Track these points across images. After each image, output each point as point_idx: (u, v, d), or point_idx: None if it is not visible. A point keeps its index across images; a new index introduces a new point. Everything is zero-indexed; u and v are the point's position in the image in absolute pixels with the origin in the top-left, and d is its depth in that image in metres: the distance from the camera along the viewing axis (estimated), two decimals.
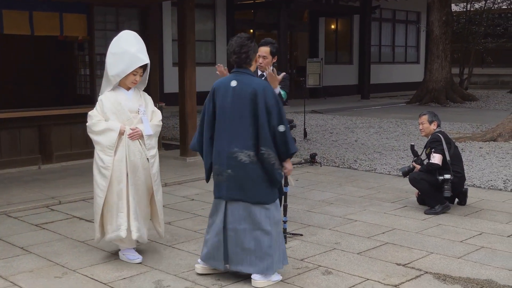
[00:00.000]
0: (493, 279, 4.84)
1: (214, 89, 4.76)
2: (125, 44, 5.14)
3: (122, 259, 5.27)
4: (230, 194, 4.68)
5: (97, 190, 5.12)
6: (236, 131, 4.61)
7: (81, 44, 11.16)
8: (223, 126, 4.68)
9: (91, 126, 5.16)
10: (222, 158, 4.68)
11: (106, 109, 5.15)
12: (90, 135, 5.19)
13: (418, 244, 5.73)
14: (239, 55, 4.69)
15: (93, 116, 5.17)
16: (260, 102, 4.55)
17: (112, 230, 5.13)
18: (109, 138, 5.07)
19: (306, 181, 8.72)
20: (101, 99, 5.20)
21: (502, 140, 12.16)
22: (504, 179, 8.65)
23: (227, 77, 4.77)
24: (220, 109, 4.69)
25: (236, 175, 4.63)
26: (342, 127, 15.27)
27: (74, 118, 9.80)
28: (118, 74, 5.11)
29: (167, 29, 18.52)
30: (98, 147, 5.12)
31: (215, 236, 4.75)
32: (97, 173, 5.12)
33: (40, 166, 9.42)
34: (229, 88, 4.66)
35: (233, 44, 4.70)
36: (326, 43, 24.71)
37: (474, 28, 25.20)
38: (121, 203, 5.09)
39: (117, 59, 5.10)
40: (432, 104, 21.43)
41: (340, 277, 4.88)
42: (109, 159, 5.06)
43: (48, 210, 7.06)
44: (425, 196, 6.92)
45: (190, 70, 10.05)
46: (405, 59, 28.81)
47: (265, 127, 4.55)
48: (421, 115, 7.18)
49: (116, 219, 5.09)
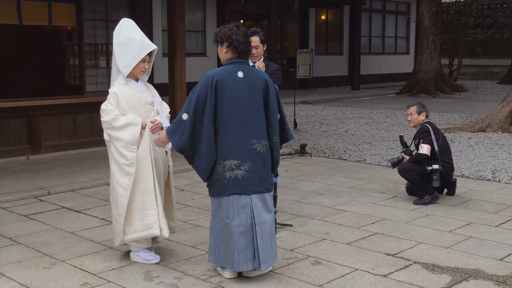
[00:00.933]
0: (481, 268, 4.87)
1: (217, 80, 4.44)
2: (129, 32, 4.92)
3: (136, 260, 5.01)
4: (253, 187, 4.51)
5: (119, 190, 4.83)
6: (252, 122, 4.52)
7: (70, 34, 11.11)
8: (237, 118, 4.48)
9: (111, 122, 4.78)
10: (240, 151, 4.48)
11: (123, 102, 4.84)
12: (109, 131, 4.83)
13: (407, 234, 5.75)
14: (246, 45, 4.59)
15: (109, 111, 4.80)
16: (271, 92, 4.62)
17: (134, 230, 4.86)
18: (132, 133, 4.78)
19: (296, 171, 8.73)
20: (114, 92, 4.86)
21: (491, 130, 12.22)
22: (492, 170, 8.69)
23: (227, 68, 4.56)
24: (230, 100, 4.46)
25: (256, 167, 4.51)
26: (332, 118, 15.29)
27: (63, 109, 9.77)
28: (128, 64, 4.86)
29: (156, 19, 18.43)
30: (120, 144, 4.79)
31: (240, 236, 4.47)
32: (117, 172, 4.83)
33: (29, 157, 9.37)
34: (238, 79, 4.50)
35: (239, 33, 4.56)
36: (316, 33, 24.68)
37: (464, 19, 25.27)
38: (149, 201, 4.84)
39: (125, 48, 4.85)
40: (421, 95, 21.49)
41: (330, 267, 4.90)
42: (133, 156, 4.78)
43: (37, 200, 7.03)
44: (414, 186, 6.94)
45: (180, 61, 10.01)
46: (395, 50, 28.85)
47: (276, 116, 4.65)
48: (409, 106, 7.19)
49: (144, 217, 4.83)
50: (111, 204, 5.02)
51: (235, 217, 4.49)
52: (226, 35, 4.57)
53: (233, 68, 4.55)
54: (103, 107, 4.85)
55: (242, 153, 4.48)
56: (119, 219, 4.89)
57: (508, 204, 6.83)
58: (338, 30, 25.85)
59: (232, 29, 4.58)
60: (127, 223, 4.87)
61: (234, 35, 4.55)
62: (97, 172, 8.28)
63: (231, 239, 4.49)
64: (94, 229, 5.95)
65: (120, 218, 4.87)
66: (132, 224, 4.88)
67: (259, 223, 4.50)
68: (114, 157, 4.84)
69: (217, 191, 4.54)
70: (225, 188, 4.49)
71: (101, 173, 8.22)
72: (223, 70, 4.55)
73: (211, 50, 20.41)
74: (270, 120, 4.61)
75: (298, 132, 12.74)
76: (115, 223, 4.97)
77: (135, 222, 4.87)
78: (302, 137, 12.04)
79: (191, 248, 5.35)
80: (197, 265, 4.91)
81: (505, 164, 9.06)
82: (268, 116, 4.61)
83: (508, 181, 8.02)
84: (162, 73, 11.64)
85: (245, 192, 4.49)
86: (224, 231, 4.54)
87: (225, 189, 4.49)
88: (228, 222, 4.50)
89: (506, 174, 8.39)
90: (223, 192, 4.51)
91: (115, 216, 4.94)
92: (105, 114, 4.82)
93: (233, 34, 4.55)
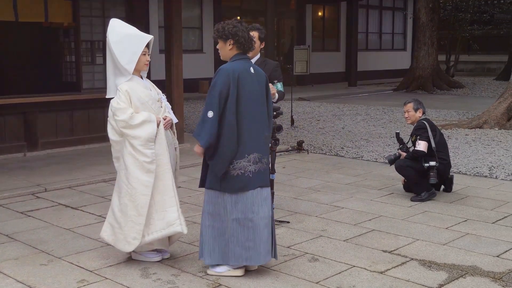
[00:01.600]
0: (478, 265, 4.88)
1: (239, 75, 4.45)
2: (121, 29, 4.87)
3: (138, 258, 4.96)
4: (268, 179, 4.70)
5: (140, 188, 4.71)
6: (264, 116, 4.64)
7: (66, 30, 11.08)
8: (255, 112, 4.55)
9: (128, 120, 4.67)
10: (261, 144, 4.58)
11: (135, 99, 4.75)
12: (126, 130, 4.70)
13: (404, 231, 5.75)
14: (250, 41, 4.64)
15: (124, 109, 4.69)
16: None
17: (154, 230, 4.75)
18: (149, 130, 4.70)
19: (293, 168, 8.73)
20: (125, 89, 4.75)
21: (488, 127, 12.23)
22: (489, 166, 8.70)
23: (242, 63, 4.56)
24: (249, 95, 4.50)
25: (269, 159, 4.74)
26: (329, 115, 15.29)
27: (59, 106, 9.75)
28: (131, 60, 4.78)
29: (153, 15, 18.41)
30: (138, 142, 4.69)
31: (264, 228, 4.52)
32: (137, 170, 4.71)
33: (26, 154, 9.36)
34: (251, 74, 4.58)
35: (244, 30, 4.57)
36: (313, 30, 24.67)
37: (461, 15, 25.27)
38: (168, 198, 4.76)
39: (123, 45, 4.78)
40: (418, 91, 21.50)
41: (327, 264, 4.90)
42: (153, 153, 4.70)
43: (34, 197, 7.02)
44: (411, 183, 6.95)
45: (177, 57, 9.99)
46: (392, 46, 28.85)
47: (271, 110, 4.82)
48: (406, 103, 7.19)
49: (164, 215, 4.74)
50: (120, 210, 4.81)
51: (260, 210, 4.54)
52: (231, 32, 4.56)
53: (246, 64, 4.62)
54: (116, 105, 4.73)
55: (262, 146, 4.61)
56: (139, 219, 4.73)
57: (505, 201, 6.84)
58: (335, 26, 25.84)
59: (237, 26, 4.59)
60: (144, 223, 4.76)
61: (240, 32, 4.57)
62: (94, 169, 8.28)
63: (256, 233, 4.51)
64: (91, 226, 5.95)
65: (141, 218, 4.73)
66: (150, 224, 4.77)
67: (272, 214, 4.71)
68: (133, 155, 4.72)
69: (239, 186, 4.50)
70: (250, 182, 4.50)
71: (98, 170, 8.21)
72: (240, 65, 4.55)
73: (208, 47, 20.38)
74: (270, 113, 4.76)
75: (295, 128, 12.73)
76: (129, 227, 4.76)
77: (153, 221, 4.77)
78: (299, 133, 12.04)
79: (188, 245, 5.34)
80: (194, 262, 4.91)
81: (502, 161, 9.07)
82: (269, 110, 4.74)
83: (505, 178, 8.03)
84: (159, 70, 11.64)
85: (267, 184, 4.65)
86: (246, 227, 4.51)
87: (250, 183, 4.50)
88: (253, 217, 4.51)
89: (503, 171, 8.40)
90: (247, 186, 4.50)
91: (132, 218, 4.74)
92: (120, 112, 4.70)
93: (239, 31, 4.57)
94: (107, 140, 5.10)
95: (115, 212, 4.87)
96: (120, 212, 4.81)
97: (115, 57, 4.81)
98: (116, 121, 4.75)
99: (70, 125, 9.95)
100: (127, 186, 4.76)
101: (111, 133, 4.91)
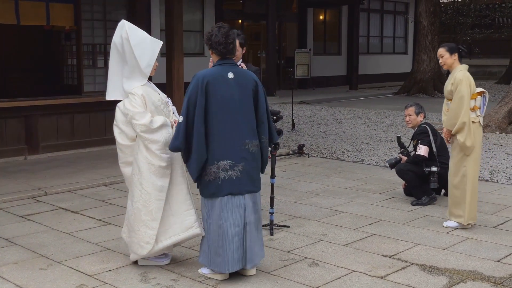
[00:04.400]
0: (478, 270, 4.87)
1: (208, 81, 4.47)
2: (139, 32, 4.84)
3: (146, 264, 4.93)
4: (246, 187, 4.56)
5: (154, 193, 4.69)
6: (244, 122, 4.56)
7: (68, 34, 11.08)
8: (230, 119, 4.51)
9: (149, 124, 4.62)
10: (234, 151, 4.51)
11: (150, 104, 4.72)
12: (146, 134, 4.65)
13: (404, 236, 5.74)
14: (225, 46, 4.59)
15: (143, 113, 4.65)
16: (260, 93, 4.67)
17: (172, 234, 4.75)
18: (166, 134, 4.68)
19: (294, 172, 8.72)
20: (141, 93, 4.71)
21: (489, 131, 12.22)
22: (490, 170, 8.69)
23: (218, 69, 4.58)
24: (221, 101, 4.49)
25: (249, 167, 4.57)
26: (330, 118, 15.28)
27: (60, 109, 9.75)
28: (149, 64, 4.77)
29: (155, 18, 18.41)
30: (156, 146, 4.66)
31: (233, 236, 4.51)
32: (152, 175, 4.68)
33: (26, 157, 9.36)
34: (228, 80, 4.53)
35: (217, 35, 4.57)
36: (315, 33, 24.67)
37: (462, 19, 25.27)
38: (185, 201, 4.80)
39: (143, 48, 4.76)
40: (420, 95, 21.50)
41: (327, 268, 4.89)
42: (169, 157, 4.70)
43: (34, 201, 7.02)
44: (412, 187, 6.94)
45: (178, 61, 10.01)
46: (393, 50, 28.85)
47: (265, 116, 4.70)
48: (407, 106, 7.18)
49: (182, 219, 4.76)
50: (134, 214, 4.79)
51: (229, 217, 4.53)
52: (207, 37, 4.64)
53: (223, 69, 4.58)
54: (133, 109, 4.66)
55: (236, 154, 4.52)
56: (153, 224, 4.72)
57: (506, 205, 6.83)
58: (336, 30, 25.85)
59: (212, 31, 4.62)
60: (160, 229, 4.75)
61: (212, 37, 4.59)
62: (94, 173, 8.27)
63: (224, 240, 4.52)
64: (91, 230, 5.94)
65: (155, 223, 4.71)
66: (168, 228, 4.76)
67: (249, 222, 4.59)
68: (149, 160, 4.68)
69: (211, 192, 4.56)
70: (220, 189, 4.52)
71: (99, 173, 8.21)
72: (213, 71, 4.59)
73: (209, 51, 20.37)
74: (259, 120, 4.66)
75: (296, 132, 12.73)
76: (142, 232, 4.74)
77: (170, 226, 4.76)
78: (300, 137, 12.03)
79: (188, 249, 5.34)
80: (193, 267, 4.90)
81: (503, 165, 9.06)
82: (258, 116, 4.65)
83: (506, 182, 8.02)
84: (159, 73, 11.61)
85: (240, 192, 4.55)
86: (217, 233, 4.56)
87: (220, 190, 4.52)
88: (222, 223, 4.53)
89: (504, 175, 8.38)
90: (217, 193, 4.53)
91: (145, 222, 4.72)
92: (139, 116, 4.65)
93: (212, 36, 4.60)
94: (108, 144, 5.11)
95: (129, 216, 4.89)
96: (133, 216, 4.82)
97: (134, 60, 4.75)
98: (134, 125, 4.69)
99: (71, 129, 9.95)
100: (141, 191, 4.75)
101: (119, 137, 4.89)
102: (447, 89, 5.99)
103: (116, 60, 4.90)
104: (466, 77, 5.86)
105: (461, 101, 5.78)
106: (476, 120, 5.90)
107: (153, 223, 4.73)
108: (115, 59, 4.90)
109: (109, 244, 5.49)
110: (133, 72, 4.80)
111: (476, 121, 5.89)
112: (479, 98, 5.95)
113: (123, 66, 4.84)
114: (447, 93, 5.99)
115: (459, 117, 5.78)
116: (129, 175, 4.90)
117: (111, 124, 5.28)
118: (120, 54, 4.85)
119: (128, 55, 4.78)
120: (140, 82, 4.80)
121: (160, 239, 4.76)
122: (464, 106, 5.78)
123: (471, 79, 5.90)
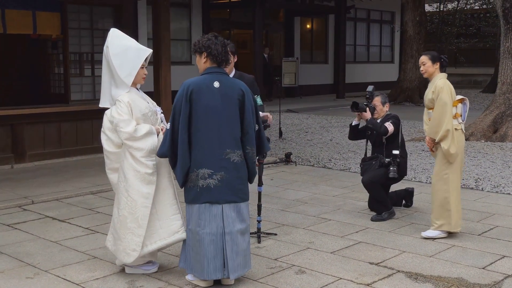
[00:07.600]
0: (464, 277, 4.91)
1: (192, 90, 4.53)
2: (121, 40, 4.86)
3: (133, 272, 4.93)
4: (225, 196, 4.56)
5: (140, 200, 4.70)
6: (226, 132, 4.57)
7: (55, 42, 11.08)
8: (211, 128, 4.54)
9: (133, 132, 4.66)
10: (213, 160, 4.53)
11: (137, 111, 4.76)
12: (130, 142, 4.68)
13: (390, 243, 5.78)
14: (224, 55, 4.66)
15: (128, 121, 4.68)
16: (247, 103, 4.65)
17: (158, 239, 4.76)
18: (151, 142, 4.72)
19: (281, 180, 8.75)
20: (127, 101, 4.73)
21: (474, 139, 12.31)
22: (475, 178, 8.76)
23: (204, 78, 4.62)
24: (205, 110, 4.53)
25: (230, 176, 4.57)
26: (317, 126, 15.34)
27: (47, 117, 9.72)
28: (130, 73, 4.79)
29: (142, 27, 18.41)
30: (141, 154, 4.69)
31: (209, 244, 4.53)
32: (138, 182, 4.70)
33: (13, 165, 9.32)
34: (213, 89, 4.56)
35: (217, 43, 4.62)
36: (302, 42, 24.77)
37: (447, 28, 25.49)
38: (170, 206, 4.82)
39: (123, 58, 4.78)
40: (406, 103, 21.63)
41: (314, 276, 4.91)
42: (155, 164, 4.73)
43: (21, 210, 6.99)
44: (375, 200, 6.77)
45: (165, 69, 10.02)
46: (379, 59, 29.00)
47: (251, 127, 4.68)
48: (374, 96, 7.18)
49: (168, 223, 4.78)
50: (119, 221, 4.79)
51: (206, 225, 4.56)
52: (205, 45, 4.64)
53: (210, 78, 4.62)
54: (118, 117, 4.69)
55: (215, 163, 4.55)
56: (139, 231, 4.73)
57: (490, 213, 6.89)
58: (323, 38, 25.96)
59: (211, 39, 4.66)
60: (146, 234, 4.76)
61: (213, 45, 4.62)
62: (81, 181, 8.25)
63: (201, 247, 4.55)
64: (78, 238, 5.93)
65: (141, 230, 4.73)
66: (153, 233, 4.78)
67: (230, 232, 4.57)
68: (135, 167, 4.71)
69: (190, 198, 4.63)
70: (198, 196, 4.57)
71: (86, 182, 8.19)
72: (199, 80, 4.62)
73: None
74: (245, 130, 4.66)
75: (283, 140, 12.76)
76: (128, 239, 4.75)
77: (156, 230, 4.78)
78: (287, 145, 12.07)
79: (175, 257, 5.33)
80: (181, 275, 4.90)
81: (488, 173, 9.13)
82: (244, 126, 4.65)
83: (491, 190, 8.08)
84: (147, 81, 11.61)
85: (217, 201, 4.56)
86: (194, 239, 4.60)
87: (198, 197, 4.57)
88: (198, 230, 4.57)
89: (489, 183, 8.45)
90: (195, 200, 4.59)
91: (131, 230, 4.74)
92: (124, 124, 4.67)
93: (212, 44, 4.63)
94: (95, 152, 5.12)
95: (115, 224, 4.88)
96: (119, 223, 4.81)
97: (114, 70, 4.80)
98: (119, 132, 4.72)
99: (58, 137, 9.92)
100: (127, 199, 4.76)
101: (106, 144, 4.90)
102: (428, 97, 6.03)
103: (106, 68, 4.94)
104: (447, 85, 5.91)
105: (444, 109, 5.82)
106: (459, 127, 5.94)
107: (139, 230, 4.74)
108: (105, 67, 4.95)
109: (96, 253, 5.48)
110: (114, 81, 4.85)
111: (458, 128, 5.93)
112: (460, 105, 6.00)
113: (112, 74, 4.87)
114: (428, 101, 6.02)
115: (443, 124, 5.81)
116: (116, 182, 4.92)
117: (98, 132, 5.29)
118: (108, 62, 4.89)
119: (111, 64, 4.83)
120: (124, 90, 4.81)
121: (146, 243, 4.77)
122: (447, 113, 5.82)
123: (451, 86, 5.95)
